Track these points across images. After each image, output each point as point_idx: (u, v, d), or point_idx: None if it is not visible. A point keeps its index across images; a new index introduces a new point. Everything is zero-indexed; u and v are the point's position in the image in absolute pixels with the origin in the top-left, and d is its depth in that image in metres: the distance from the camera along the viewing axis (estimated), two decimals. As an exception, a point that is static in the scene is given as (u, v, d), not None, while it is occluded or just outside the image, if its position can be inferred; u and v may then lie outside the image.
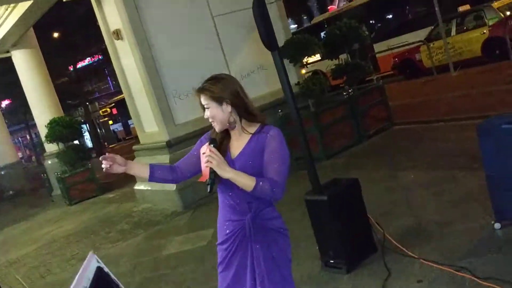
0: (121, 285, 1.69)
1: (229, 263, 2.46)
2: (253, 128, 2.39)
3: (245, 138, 2.39)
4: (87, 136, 16.55)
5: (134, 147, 8.88)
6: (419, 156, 6.60)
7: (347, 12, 18.38)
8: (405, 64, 14.99)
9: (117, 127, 34.25)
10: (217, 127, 2.38)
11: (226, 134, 2.44)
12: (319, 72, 15.71)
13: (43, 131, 12.36)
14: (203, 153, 2.27)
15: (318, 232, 4.19)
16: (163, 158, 7.60)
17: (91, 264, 1.60)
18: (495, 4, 12.91)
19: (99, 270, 1.60)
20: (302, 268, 4.32)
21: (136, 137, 30.00)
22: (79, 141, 12.67)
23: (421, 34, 14.85)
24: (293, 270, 4.25)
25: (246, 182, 2.23)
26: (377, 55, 16.21)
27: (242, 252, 2.44)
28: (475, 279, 3.35)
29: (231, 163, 2.34)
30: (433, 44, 13.66)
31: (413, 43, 14.52)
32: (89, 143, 16.10)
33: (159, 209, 7.87)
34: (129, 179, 11.16)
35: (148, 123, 8.23)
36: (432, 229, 4.32)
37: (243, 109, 2.36)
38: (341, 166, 7.33)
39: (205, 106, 2.34)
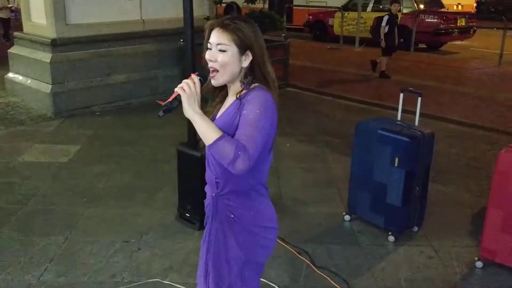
0: None
1: (204, 235, 2.16)
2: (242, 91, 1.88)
3: (231, 100, 1.91)
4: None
5: (15, 33, 8.01)
6: (301, 126, 6.78)
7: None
8: (317, 24, 15.14)
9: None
10: (220, 80, 1.85)
11: (225, 93, 1.96)
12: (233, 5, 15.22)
13: None
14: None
15: (181, 183, 4.16)
16: (44, 56, 6.95)
17: None
18: (415, -4, 13.36)
19: None
20: (157, 213, 4.31)
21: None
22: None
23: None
24: (150, 214, 4.23)
25: (208, 132, 1.72)
26: (294, 7, 16.16)
27: (209, 227, 2.11)
28: (311, 265, 3.55)
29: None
30: (348, 14, 13.88)
31: (330, 7, 14.63)
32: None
33: (26, 108, 7.27)
34: (2, 61, 10.15)
35: (37, 13, 7.39)
36: (288, 205, 4.49)
37: (260, 71, 1.85)
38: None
39: (220, 48, 1.80)
